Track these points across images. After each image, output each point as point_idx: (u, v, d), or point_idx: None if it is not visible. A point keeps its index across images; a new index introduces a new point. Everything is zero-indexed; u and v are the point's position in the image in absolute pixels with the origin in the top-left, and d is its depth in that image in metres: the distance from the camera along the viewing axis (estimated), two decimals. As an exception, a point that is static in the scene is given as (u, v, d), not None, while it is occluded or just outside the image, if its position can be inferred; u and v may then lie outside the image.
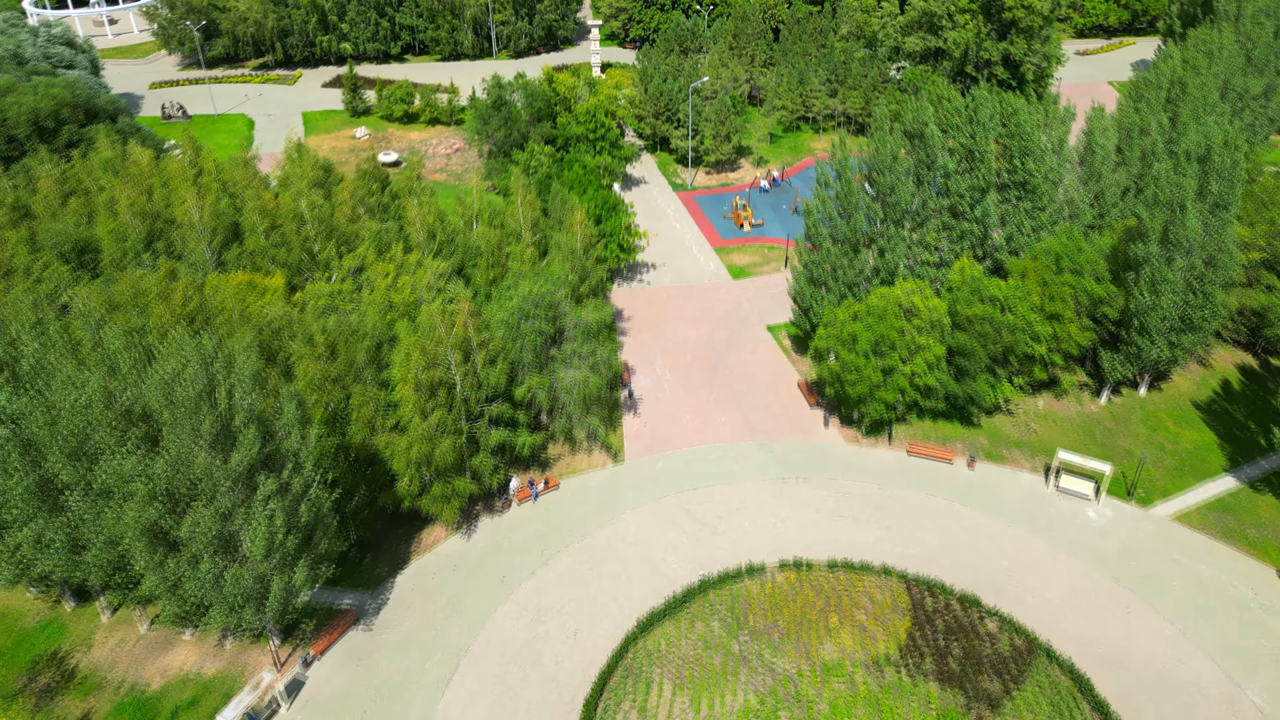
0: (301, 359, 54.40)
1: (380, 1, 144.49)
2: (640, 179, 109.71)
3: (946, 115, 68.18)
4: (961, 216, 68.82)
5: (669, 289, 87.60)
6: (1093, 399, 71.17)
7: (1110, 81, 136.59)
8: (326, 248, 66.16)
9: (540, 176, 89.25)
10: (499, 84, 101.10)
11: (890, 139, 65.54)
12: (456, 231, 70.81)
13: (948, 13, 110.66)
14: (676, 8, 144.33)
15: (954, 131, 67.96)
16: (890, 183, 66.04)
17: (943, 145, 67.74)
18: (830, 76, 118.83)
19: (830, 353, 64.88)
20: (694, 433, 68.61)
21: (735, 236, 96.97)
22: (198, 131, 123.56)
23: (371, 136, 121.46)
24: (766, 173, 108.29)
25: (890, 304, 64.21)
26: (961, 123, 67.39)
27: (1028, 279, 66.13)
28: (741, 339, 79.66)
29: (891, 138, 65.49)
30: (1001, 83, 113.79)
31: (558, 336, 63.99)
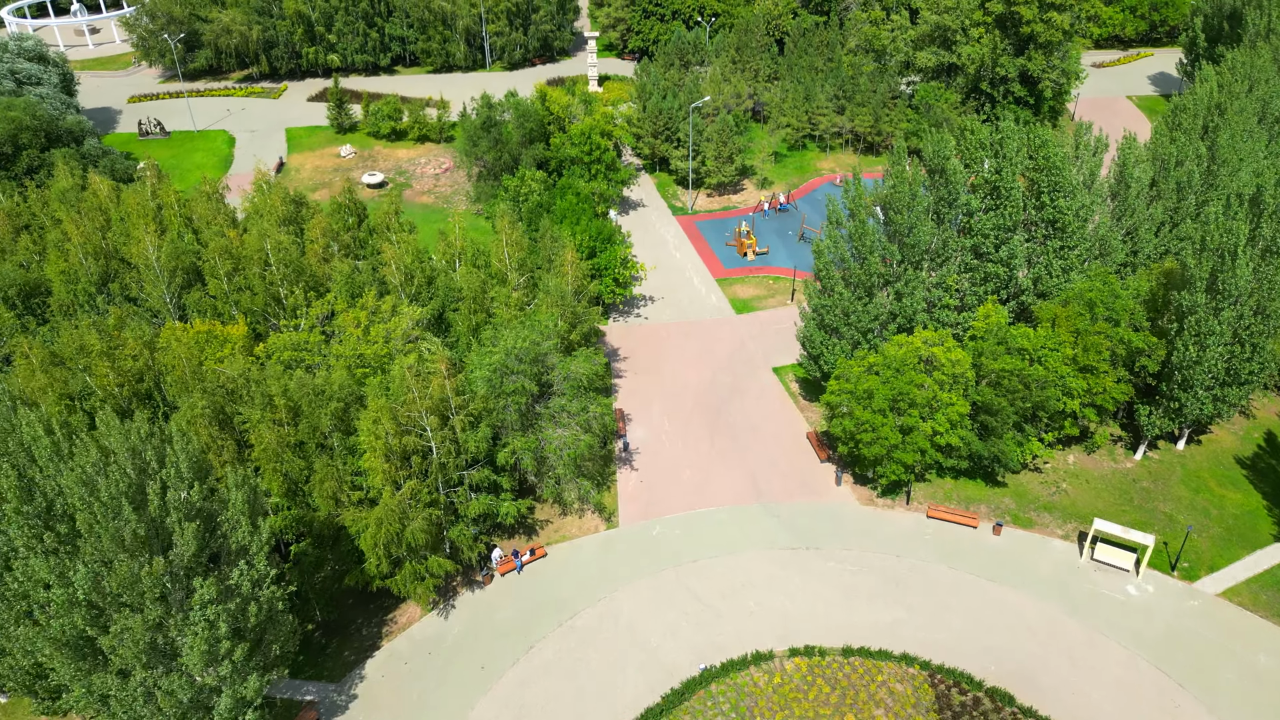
0: (257, 427, 48.89)
1: (369, 12, 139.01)
2: (638, 202, 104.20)
3: (969, 148, 62.72)
4: (985, 257, 63.29)
5: (668, 326, 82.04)
6: (1127, 454, 65.63)
7: (1129, 96, 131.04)
8: (294, 292, 60.65)
9: (531, 205, 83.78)
10: (488, 103, 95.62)
11: (908, 175, 60.02)
12: (437, 272, 65.32)
13: (962, 27, 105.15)
14: (677, 18, 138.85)
15: (978, 166, 62.41)
16: (909, 222, 60.51)
17: (965, 181, 62.18)
18: (838, 92, 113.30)
19: (843, 407, 59.36)
20: (694, 492, 63.09)
21: (738, 266, 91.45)
22: (176, 149, 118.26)
23: (357, 155, 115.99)
24: (771, 196, 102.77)
25: (909, 355, 58.72)
26: (986, 156, 61.83)
27: (1059, 327, 60.58)
28: (746, 383, 74.12)
29: (910, 174, 59.97)
30: (1018, 100, 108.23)
31: (545, 390, 58.51)
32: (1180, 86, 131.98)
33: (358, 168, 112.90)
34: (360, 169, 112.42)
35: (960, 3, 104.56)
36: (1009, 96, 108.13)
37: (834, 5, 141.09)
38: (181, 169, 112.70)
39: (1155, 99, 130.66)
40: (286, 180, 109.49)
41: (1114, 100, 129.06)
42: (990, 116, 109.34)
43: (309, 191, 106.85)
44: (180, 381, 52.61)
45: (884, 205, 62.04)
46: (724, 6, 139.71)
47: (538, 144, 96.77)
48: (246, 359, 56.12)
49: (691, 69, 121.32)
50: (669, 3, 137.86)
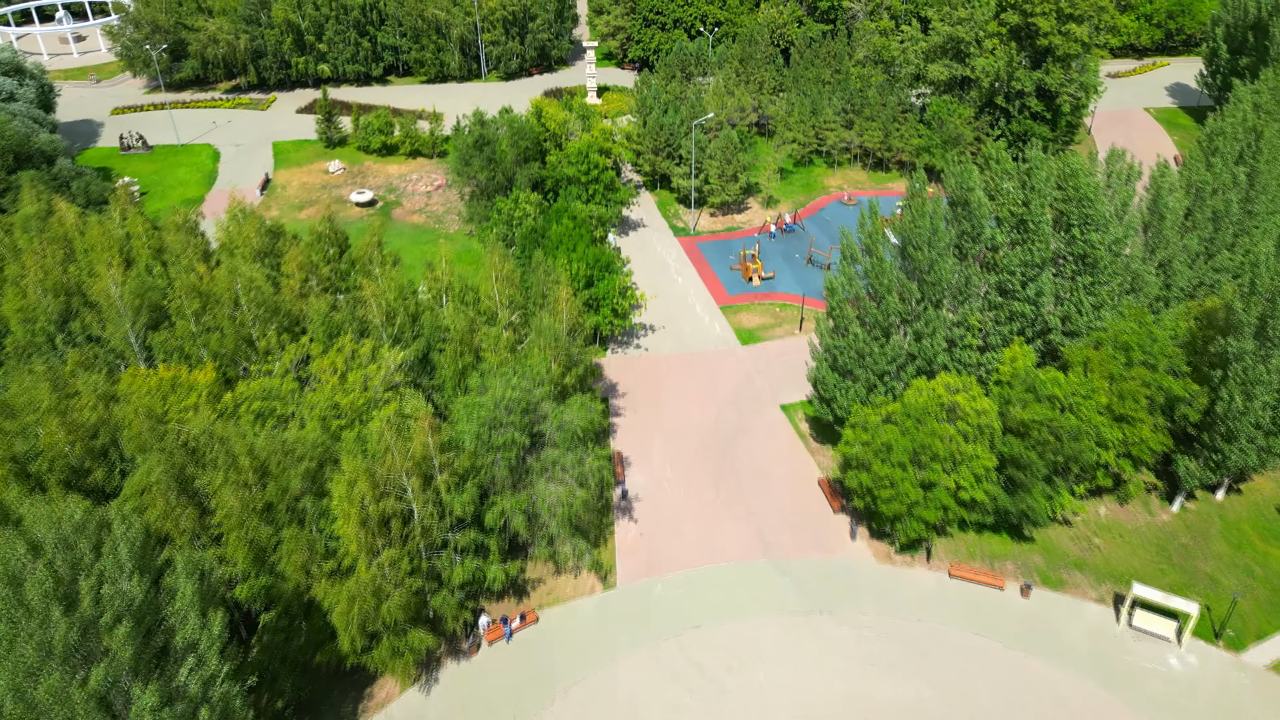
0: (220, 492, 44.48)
1: (361, 20, 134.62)
2: (638, 222, 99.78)
3: (995, 177, 58.34)
4: (1011, 295, 58.85)
5: (670, 358, 77.61)
6: (1163, 505, 61.21)
7: (1146, 108, 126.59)
8: (266, 335, 56.23)
9: (525, 229, 79.36)
10: (481, 121, 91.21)
11: (929, 208, 55.61)
12: (423, 308, 60.89)
13: (976, 39, 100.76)
14: (679, 27, 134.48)
15: (1003, 198, 57.98)
16: (930, 259, 56.09)
17: (990, 213, 57.76)
18: (845, 106, 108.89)
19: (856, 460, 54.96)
20: (698, 547, 58.69)
21: (743, 292, 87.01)
22: (158, 164, 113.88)
23: (346, 171, 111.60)
24: (777, 216, 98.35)
25: (930, 403, 54.29)
26: (1013, 188, 57.40)
27: (1092, 372, 56.18)
28: (753, 422, 69.71)
29: (930, 207, 55.57)
30: (1034, 115, 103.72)
31: (537, 440, 54.11)
32: (1199, 99, 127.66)
33: (346, 184, 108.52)
34: (349, 186, 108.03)
35: (974, 13, 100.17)
36: (1025, 111, 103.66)
37: (840, 14, 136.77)
38: (163, 185, 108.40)
39: (1173, 110, 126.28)
40: (272, 198, 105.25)
41: (1130, 112, 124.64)
42: (1005, 132, 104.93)
43: (295, 210, 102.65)
44: (139, 438, 48.17)
45: (903, 240, 57.61)
46: (727, 15, 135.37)
47: (533, 163, 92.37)
48: (212, 410, 51.77)
49: (694, 81, 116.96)
50: (670, 11, 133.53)
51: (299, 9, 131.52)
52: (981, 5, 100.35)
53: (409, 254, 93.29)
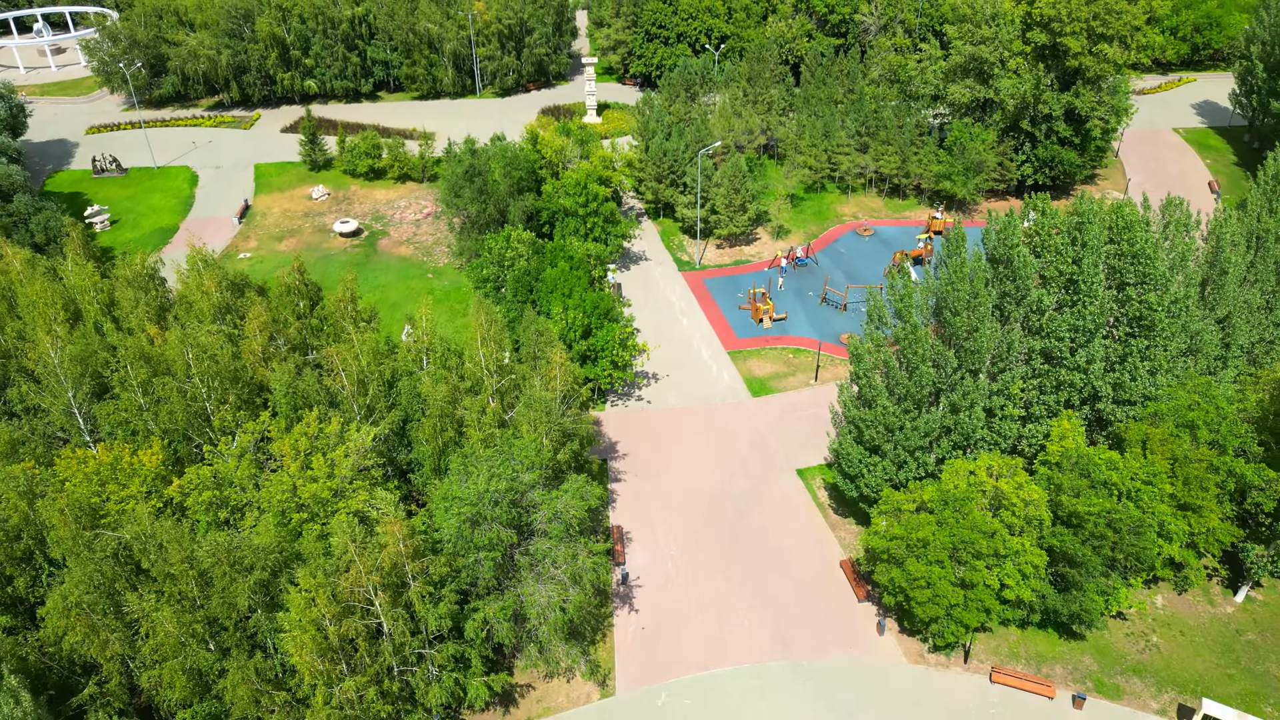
0: (152, 615, 38.24)
1: (349, 34, 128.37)
2: (640, 255, 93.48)
3: (1043, 233, 51.99)
4: (1058, 362, 52.51)
5: (674, 412, 71.31)
6: (1225, 594, 54.88)
7: (1175, 128, 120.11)
8: (222, 409, 49.93)
9: (518, 272, 73.07)
10: (472, 150, 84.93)
11: (968, 268, 49.27)
12: (400, 372, 54.59)
13: (1000, 59, 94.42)
14: (682, 41, 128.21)
15: (1051, 254, 51.63)
16: (969, 324, 49.75)
17: (1036, 272, 51.43)
18: (860, 128, 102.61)
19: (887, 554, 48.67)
20: (707, 644, 52.35)
21: (753, 335, 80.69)
22: (133, 189, 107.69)
23: (331, 196, 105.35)
24: (788, 250, 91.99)
25: (971, 490, 47.98)
26: (1062, 244, 51.06)
27: (1152, 453, 49.84)
28: (766, 489, 63.42)
29: (970, 267, 49.24)
30: (1062, 140, 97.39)
31: (525, 531, 47.86)
32: (1230, 118, 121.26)
33: (330, 212, 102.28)
34: (333, 213, 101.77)
35: (999, 32, 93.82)
36: (1052, 136, 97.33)
37: (852, 27, 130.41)
38: (136, 213, 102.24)
39: (1204, 131, 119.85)
40: (251, 227, 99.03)
41: (1159, 133, 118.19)
42: (1030, 158, 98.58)
43: (275, 240, 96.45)
44: (71, 540, 41.91)
45: (938, 302, 51.30)
46: (733, 29, 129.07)
47: (528, 194, 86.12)
48: (157, 501, 45.58)
49: (699, 100, 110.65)
50: (674, 25, 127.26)
51: (284, 23, 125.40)
52: (1006, 24, 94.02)
53: (395, 290, 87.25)
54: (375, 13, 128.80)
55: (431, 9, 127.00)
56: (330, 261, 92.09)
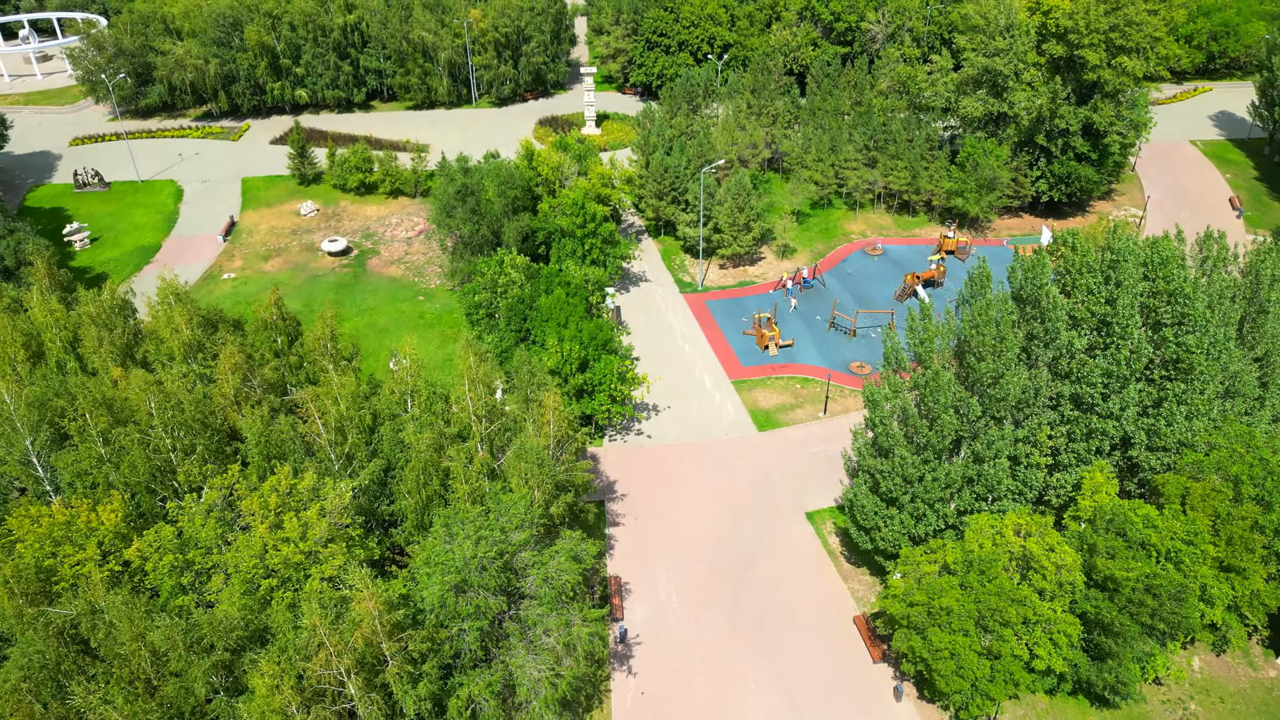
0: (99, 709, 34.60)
1: (341, 43, 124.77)
2: (640, 275, 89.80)
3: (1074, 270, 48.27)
4: (1090, 409, 48.81)
5: (676, 448, 67.65)
6: (1267, 655, 51.18)
7: (1193, 141, 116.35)
8: (185, 463, 46.26)
9: (511, 300, 69.42)
10: (465, 168, 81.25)
11: (994, 310, 45.58)
12: (382, 415, 50.93)
13: (1014, 71, 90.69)
14: (684, 50, 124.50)
15: (1082, 294, 47.93)
16: (995, 370, 46.05)
17: (1066, 313, 47.72)
18: (868, 142, 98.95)
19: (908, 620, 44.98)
20: (711, 710, 48.67)
21: (759, 363, 77.00)
22: (115, 204, 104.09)
23: (320, 212, 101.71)
24: (795, 271, 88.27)
25: (998, 552, 44.32)
26: (1094, 283, 47.35)
27: (1192, 509, 46.17)
28: (774, 535, 59.75)
29: (996, 308, 45.55)
30: (1079, 156, 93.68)
31: (515, 595, 44.23)
32: (1249, 130, 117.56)
33: (319, 229, 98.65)
34: (322, 230, 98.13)
35: (1014, 44, 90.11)
36: (1069, 152, 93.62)
37: (858, 35, 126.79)
38: (118, 230, 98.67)
39: (1222, 144, 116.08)
40: (236, 245, 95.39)
41: (1176, 146, 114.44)
42: (1046, 174, 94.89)
43: (260, 260, 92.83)
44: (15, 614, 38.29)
45: (960, 345, 47.64)
46: (736, 37, 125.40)
47: (523, 214, 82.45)
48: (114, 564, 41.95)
49: (701, 113, 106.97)
50: (675, 33, 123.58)
51: (274, 31, 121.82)
52: (1021, 35, 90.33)
53: (384, 313, 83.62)
54: (368, 20, 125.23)
55: (426, 17, 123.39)
56: (317, 283, 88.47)
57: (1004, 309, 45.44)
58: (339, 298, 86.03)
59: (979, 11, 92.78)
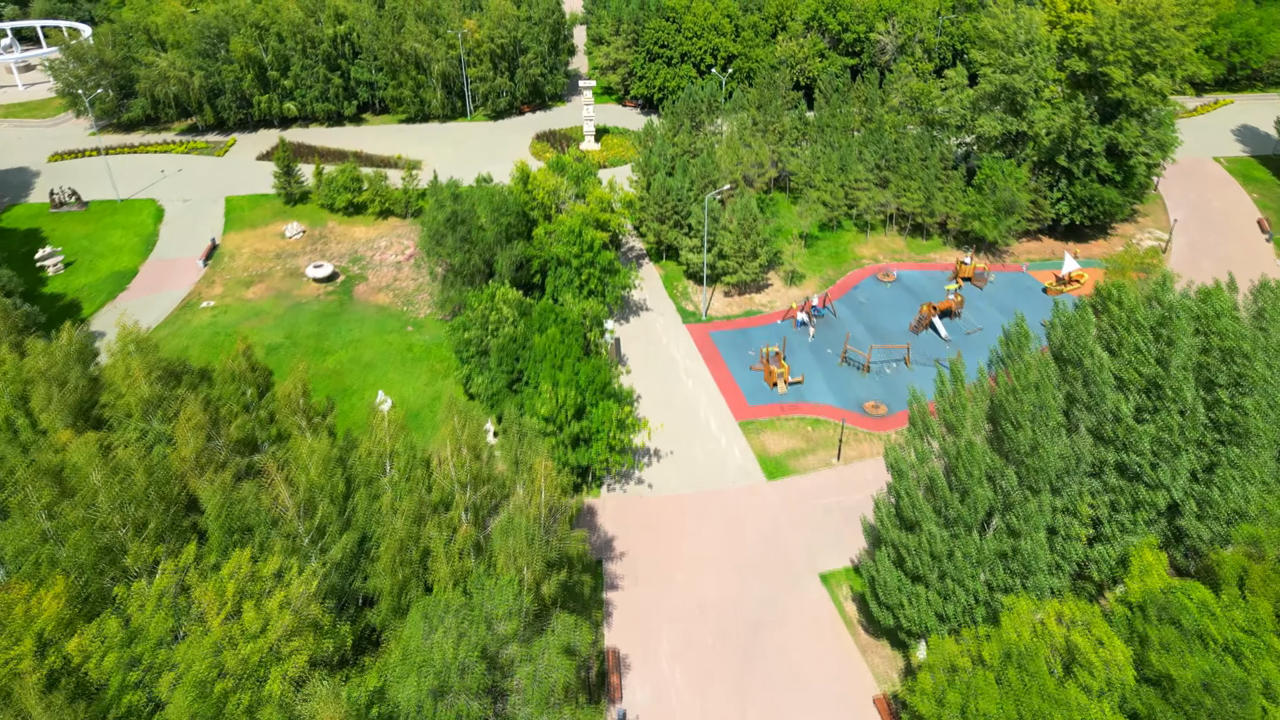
0: None
1: (331, 54, 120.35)
2: (640, 304, 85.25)
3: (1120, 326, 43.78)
4: (1137, 478, 44.30)
5: (678, 499, 63.13)
6: (1329, 745, 46.53)
7: (1216, 158, 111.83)
8: (139, 541, 41.77)
9: (503, 339, 64.93)
10: (455, 194, 76.74)
11: (1034, 374, 41.05)
12: (357, 480, 46.43)
13: (1035, 89, 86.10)
14: (686, 61, 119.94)
15: (1130, 353, 43.41)
16: (1035, 440, 41.54)
17: (1112, 375, 43.20)
18: (879, 161, 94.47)
19: (940, 717, 40.43)
20: (719, 810, 44.24)
21: (767, 401, 72.46)
22: (92, 225, 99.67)
23: (306, 234, 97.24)
24: (804, 300, 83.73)
25: (1039, 644, 39.78)
26: (1143, 342, 42.84)
27: (1252, 592, 41.66)
28: (785, 600, 55.22)
29: (1036, 374, 41.01)
30: (1102, 177, 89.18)
31: (501, 692, 39.73)
32: (1275, 146, 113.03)
33: (305, 252, 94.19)
34: (308, 254, 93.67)
35: (1034, 60, 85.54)
36: (1091, 173, 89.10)
37: (867, 46, 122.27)
38: (93, 253, 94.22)
39: (1246, 161, 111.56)
40: (217, 270, 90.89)
41: (1200, 164, 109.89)
42: (1067, 195, 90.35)
43: (242, 286, 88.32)
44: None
45: (995, 410, 43.12)
46: (741, 48, 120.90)
47: (517, 241, 77.91)
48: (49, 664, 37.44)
49: (704, 129, 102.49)
50: (677, 44, 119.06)
51: (261, 42, 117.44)
52: (1042, 51, 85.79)
53: (370, 346, 79.12)
54: (359, 31, 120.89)
55: (419, 28, 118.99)
56: (300, 312, 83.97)
57: (1044, 372, 40.90)
58: (323, 328, 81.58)
59: (997, 26, 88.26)
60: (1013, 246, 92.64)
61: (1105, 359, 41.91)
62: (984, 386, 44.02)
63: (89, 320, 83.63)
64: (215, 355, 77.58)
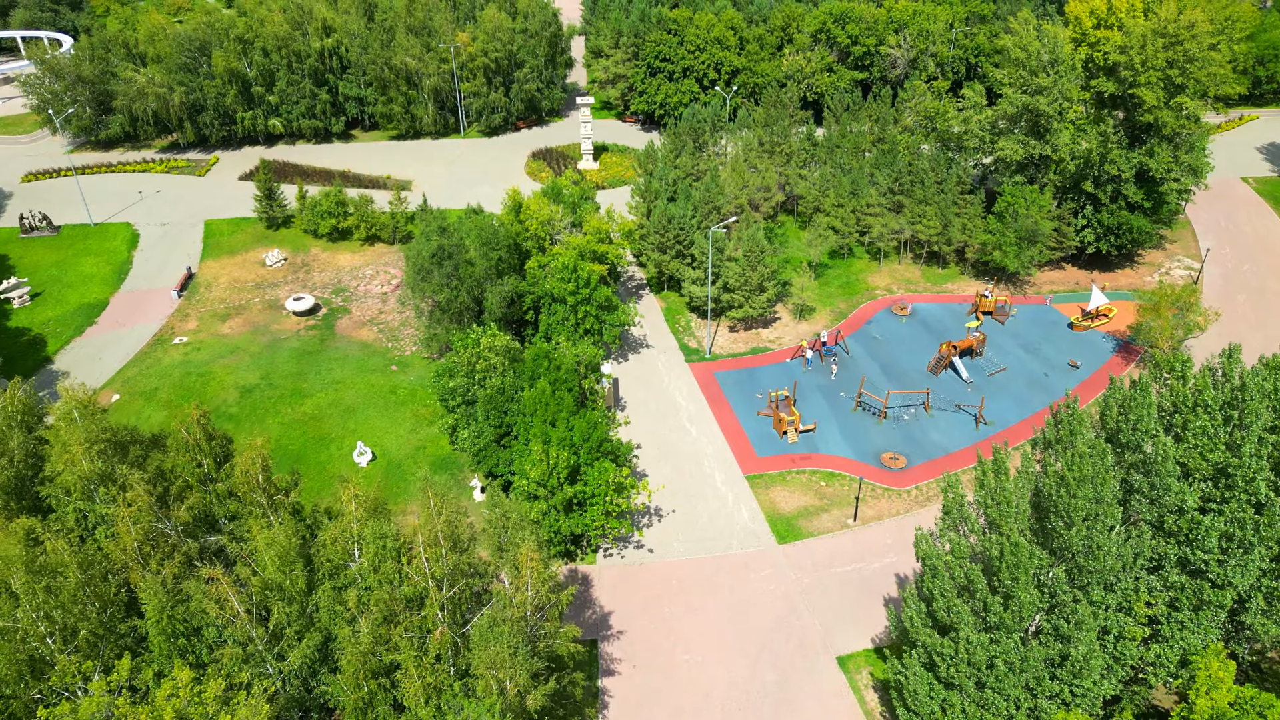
0: None
1: (318, 69, 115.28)
2: (640, 341, 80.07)
3: (1184, 406, 38.63)
4: (1201, 574, 39.12)
5: (680, 566, 57.95)
6: None
7: (1244, 178, 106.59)
8: (63, 660, 36.61)
9: (490, 391, 59.76)
10: (441, 227, 71.55)
11: (1089, 466, 35.84)
12: (321, 573, 41.30)
13: (1059, 111, 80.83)
14: (689, 76, 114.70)
15: (1196, 438, 38.22)
16: (1089, 540, 36.34)
17: (1176, 462, 37.98)
18: (892, 185, 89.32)
19: None
20: None
21: (777, 451, 67.31)
22: (63, 251, 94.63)
23: (288, 262, 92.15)
24: (814, 338, 78.57)
25: (1096, 776, 34.57)
26: (1211, 425, 37.65)
27: (1337, 712, 36.49)
28: (799, 688, 50.04)
29: (1093, 465, 35.81)
30: (1130, 205, 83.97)
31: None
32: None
33: (286, 281, 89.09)
34: (289, 284, 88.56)
35: (1059, 80, 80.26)
36: (1119, 199, 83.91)
37: (878, 60, 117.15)
38: (62, 283, 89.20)
39: (1276, 181, 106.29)
40: (192, 302, 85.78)
41: (1228, 185, 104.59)
42: (1093, 222, 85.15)
43: (218, 320, 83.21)
44: None
45: (1041, 502, 37.94)
46: (745, 62, 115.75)
47: (508, 277, 72.73)
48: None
49: (708, 150, 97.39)
50: (679, 58, 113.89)
51: (244, 56, 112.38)
52: (1067, 71, 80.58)
53: (351, 389, 73.93)
54: (347, 45, 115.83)
55: (410, 41, 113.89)
56: (278, 349, 78.82)
57: (1102, 464, 35.66)
58: (302, 368, 76.45)
59: (1018, 44, 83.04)
60: (1034, 276, 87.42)
61: (1169, 446, 36.75)
62: (1028, 472, 38.81)
63: (54, 358, 78.56)
64: (185, 398, 72.69)
